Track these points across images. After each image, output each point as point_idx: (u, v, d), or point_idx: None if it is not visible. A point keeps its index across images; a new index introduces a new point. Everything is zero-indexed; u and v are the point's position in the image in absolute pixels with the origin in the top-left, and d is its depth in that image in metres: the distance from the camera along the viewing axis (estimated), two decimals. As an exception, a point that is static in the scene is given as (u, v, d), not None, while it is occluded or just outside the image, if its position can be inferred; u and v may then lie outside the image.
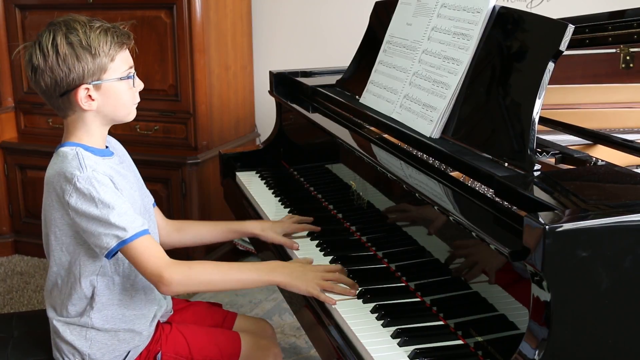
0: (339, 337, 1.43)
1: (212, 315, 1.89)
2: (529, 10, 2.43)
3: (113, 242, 1.47)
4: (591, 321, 1.11)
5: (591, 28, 1.98)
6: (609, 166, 1.40)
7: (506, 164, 1.38)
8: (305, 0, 3.47)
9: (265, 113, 3.54)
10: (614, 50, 2.11)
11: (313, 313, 1.55)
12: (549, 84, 1.38)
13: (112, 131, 1.66)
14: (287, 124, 2.46)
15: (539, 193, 1.22)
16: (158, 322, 1.72)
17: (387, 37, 1.94)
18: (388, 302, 1.48)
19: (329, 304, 1.51)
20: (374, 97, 1.90)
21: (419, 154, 1.59)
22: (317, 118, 2.09)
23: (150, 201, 1.76)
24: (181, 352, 1.69)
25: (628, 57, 2.08)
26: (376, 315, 1.44)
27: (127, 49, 1.59)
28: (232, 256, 3.36)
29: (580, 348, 1.12)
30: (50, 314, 1.64)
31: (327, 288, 1.53)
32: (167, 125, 3.24)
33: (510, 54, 1.50)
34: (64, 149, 1.55)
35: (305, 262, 1.68)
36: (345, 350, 1.38)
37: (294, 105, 2.27)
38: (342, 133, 1.90)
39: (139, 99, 1.63)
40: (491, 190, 1.32)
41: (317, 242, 1.83)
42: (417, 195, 1.48)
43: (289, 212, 2.05)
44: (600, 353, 1.13)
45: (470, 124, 1.55)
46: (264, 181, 2.32)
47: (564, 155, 1.50)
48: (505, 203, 1.25)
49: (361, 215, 1.84)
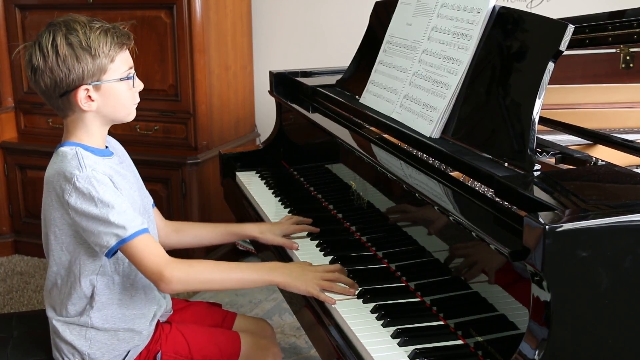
0: (339, 337, 1.43)
1: (212, 315, 1.89)
2: (529, 10, 2.42)
3: (113, 241, 1.47)
4: (591, 321, 1.11)
5: (591, 28, 1.98)
6: (609, 166, 1.40)
7: (506, 164, 1.38)
8: (305, 0, 3.47)
9: (265, 113, 3.54)
10: (614, 50, 2.11)
11: (313, 313, 1.55)
12: (549, 84, 1.38)
13: (112, 131, 1.66)
14: (287, 124, 2.46)
15: (539, 193, 1.22)
16: (158, 321, 1.71)
17: (387, 37, 1.94)
18: (388, 302, 1.48)
19: (328, 304, 1.51)
20: (374, 97, 1.90)
21: (419, 154, 1.59)
22: (317, 118, 2.09)
23: (150, 202, 1.76)
24: (181, 352, 1.69)
25: (628, 57, 2.08)
26: (376, 315, 1.44)
27: (127, 50, 1.59)
28: (232, 256, 3.36)
29: (580, 348, 1.12)
30: (50, 313, 1.64)
31: (326, 288, 1.53)
32: (167, 125, 3.24)
33: (510, 54, 1.50)
34: (64, 149, 1.55)
35: (305, 264, 1.68)
36: (345, 350, 1.38)
37: (294, 105, 2.27)
38: (342, 133, 1.90)
39: (138, 99, 1.62)
40: (491, 190, 1.32)
41: (317, 242, 1.83)
42: (417, 195, 1.48)
43: (289, 212, 2.05)
44: (600, 353, 1.13)
45: (470, 124, 1.55)
46: (264, 181, 2.32)
47: (564, 155, 1.50)
48: (505, 203, 1.25)
49: (361, 215, 1.84)
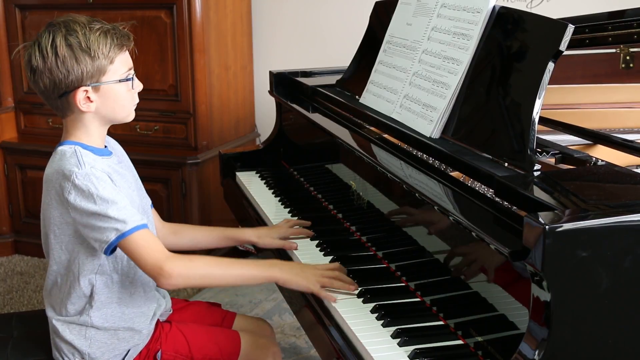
0: (339, 337, 1.43)
1: (212, 314, 1.89)
2: (529, 10, 2.42)
3: (112, 236, 1.46)
4: (591, 321, 1.11)
5: (591, 28, 1.98)
6: (609, 166, 1.40)
7: (506, 164, 1.38)
8: (305, 0, 3.47)
9: (265, 113, 3.54)
10: (614, 50, 2.11)
11: (313, 313, 1.55)
12: (549, 84, 1.38)
13: (111, 131, 1.66)
14: (287, 124, 2.46)
15: (539, 193, 1.22)
16: (158, 320, 1.71)
17: (387, 37, 1.94)
18: (388, 302, 1.48)
19: (329, 302, 1.51)
20: (374, 97, 1.90)
21: (419, 154, 1.59)
22: (317, 118, 2.09)
23: (148, 202, 1.75)
24: (181, 351, 1.69)
25: (628, 57, 2.08)
26: (376, 315, 1.44)
27: (127, 51, 1.59)
28: (233, 256, 3.33)
29: (580, 348, 1.12)
30: (50, 313, 1.64)
31: (327, 285, 1.53)
32: (167, 125, 3.24)
33: (510, 54, 1.50)
34: (63, 148, 1.55)
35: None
36: (345, 350, 1.38)
37: (294, 105, 2.27)
38: (342, 133, 1.90)
39: (137, 100, 1.62)
40: (491, 190, 1.32)
41: (317, 242, 1.83)
42: (417, 195, 1.48)
43: (288, 212, 2.05)
44: (600, 353, 1.13)
45: (470, 124, 1.55)
46: (264, 181, 2.32)
47: (564, 155, 1.50)
48: (505, 203, 1.25)
49: (361, 215, 1.84)
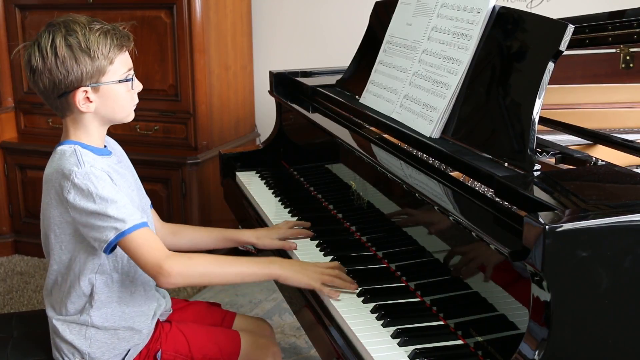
0: (339, 337, 1.43)
1: (212, 314, 1.89)
2: (529, 10, 2.42)
3: (112, 234, 1.46)
4: (591, 321, 1.11)
5: (591, 28, 1.98)
6: (609, 166, 1.40)
7: (506, 164, 1.38)
8: (305, 0, 3.47)
9: (265, 113, 3.54)
10: (614, 50, 2.11)
11: (313, 313, 1.55)
12: (549, 84, 1.38)
13: (111, 131, 1.66)
14: (287, 124, 2.46)
15: (539, 193, 1.22)
16: (158, 320, 1.71)
17: (387, 37, 1.94)
18: (388, 302, 1.48)
19: (329, 302, 1.50)
20: (374, 97, 1.90)
21: (419, 154, 1.59)
22: (317, 118, 2.09)
23: (148, 203, 1.75)
24: (181, 351, 1.69)
25: (628, 57, 2.08)
26: (376, 315, 1.44)
27: (127, 51, 1.59)
28: (233, 255, 3.35)
29: (580, 348, 1.12)
30: (50, 313, 1.64)
31: (327, 282, 1.54)
32: (167, 125, 3.24)
33: (510, 54, 1.50)
34: (62, 147, 1.55)
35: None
36: (345, 350, 1.38)
37: (294, 105, 2.27)
38: (342, 133, 1.90)
39: (137, 101, 1.62)
40: (491, 190, 1.32)
41: (317, 242, 1.83)
42: (417, 195, 1.48)
43: (288, 212, 2.05)
44: (600, 353, 1.13)
45: (470, 124, 1.55)
46: (264, 181, 2.32)
47: (564, 155, 1.50)
48: (505, 203, 1.25)
49: (361, 215, 1.84)
